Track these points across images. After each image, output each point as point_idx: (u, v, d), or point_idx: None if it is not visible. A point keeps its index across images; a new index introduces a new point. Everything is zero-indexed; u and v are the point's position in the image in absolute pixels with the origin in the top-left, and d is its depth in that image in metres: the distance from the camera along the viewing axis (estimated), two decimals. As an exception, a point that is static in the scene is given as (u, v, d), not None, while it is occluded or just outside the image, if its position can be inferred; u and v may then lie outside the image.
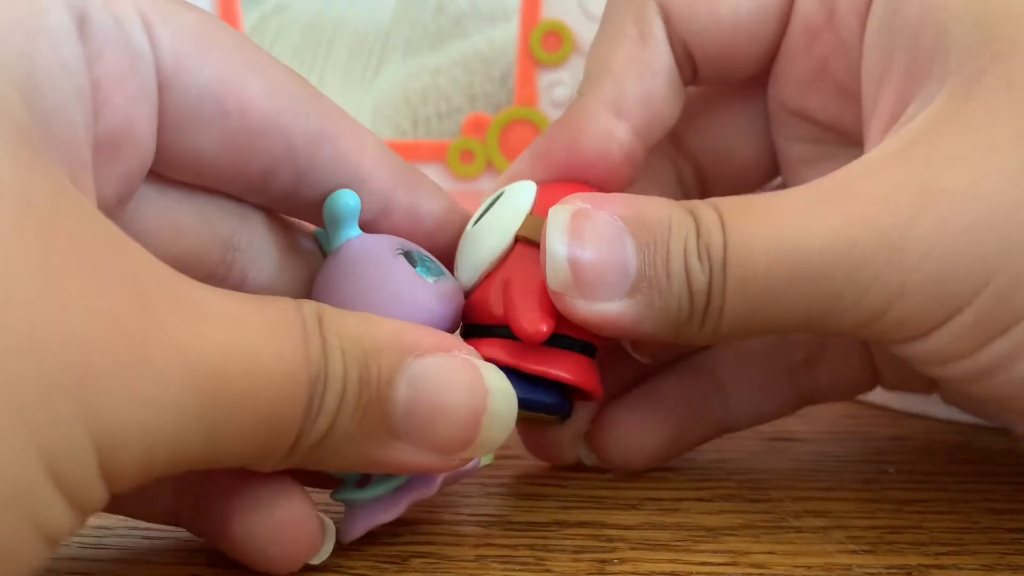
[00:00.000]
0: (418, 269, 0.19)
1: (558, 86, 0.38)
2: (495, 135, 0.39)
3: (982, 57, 0.17)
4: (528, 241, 0.19)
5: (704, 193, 0.24)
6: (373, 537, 0.19)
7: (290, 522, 0.17)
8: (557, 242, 0.18)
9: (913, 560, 0.19)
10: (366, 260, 0.18)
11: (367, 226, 0.19)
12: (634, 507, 0.21)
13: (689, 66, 0.22)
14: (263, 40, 0.40)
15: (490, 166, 0.39)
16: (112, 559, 0.19)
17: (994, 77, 0.17)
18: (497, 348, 0.19)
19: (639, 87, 0.21)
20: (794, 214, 0.17)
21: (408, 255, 0.19)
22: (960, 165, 0.16)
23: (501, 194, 0.21)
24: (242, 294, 0.15)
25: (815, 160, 0.23)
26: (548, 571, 0.18)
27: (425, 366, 0.16)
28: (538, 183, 0.21)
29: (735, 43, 0.22)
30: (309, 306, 0.15)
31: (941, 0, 0.18)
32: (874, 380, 0.24)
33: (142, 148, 0.17)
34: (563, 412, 0.20)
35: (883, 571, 0.18)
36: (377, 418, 0.16)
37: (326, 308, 0.16)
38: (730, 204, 0.18)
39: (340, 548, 0.19)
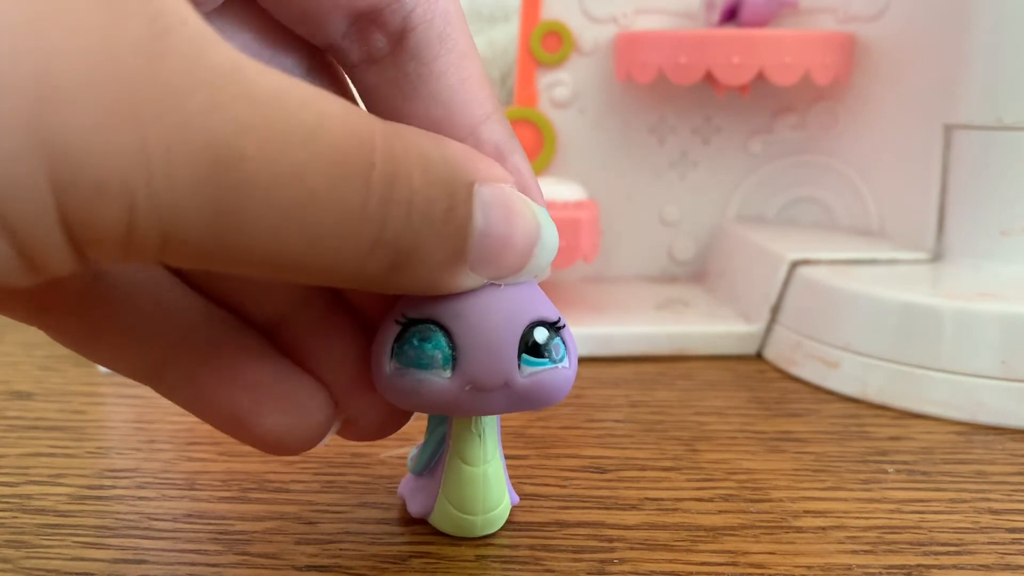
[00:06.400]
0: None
1: (558, 86, 0.38)
2: (495, 135, 0.38)
3: None
4: None
5: None
6: (372, 537, 0.19)
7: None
8: None
9: (912, 560, 0.19)
10: None
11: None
12: (634, 507, 0.21)
13: None
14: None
15: (490, 166, 0.39)
16: (112, 559, 0.19)
17: None
18: None
19: None
20: None
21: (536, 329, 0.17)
22: None
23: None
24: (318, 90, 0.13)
25: None
26: (548, 571, 0.18)
27: (493, 194, 0.15)
28: None
29: None
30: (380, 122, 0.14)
31: None
32: None
33: None
34: None
35: (882, 571, 0.18)
36: (457, 243, 0.15)
37: (400, 126, 0.14)
38: None
39: (338, 547, 0.19)
